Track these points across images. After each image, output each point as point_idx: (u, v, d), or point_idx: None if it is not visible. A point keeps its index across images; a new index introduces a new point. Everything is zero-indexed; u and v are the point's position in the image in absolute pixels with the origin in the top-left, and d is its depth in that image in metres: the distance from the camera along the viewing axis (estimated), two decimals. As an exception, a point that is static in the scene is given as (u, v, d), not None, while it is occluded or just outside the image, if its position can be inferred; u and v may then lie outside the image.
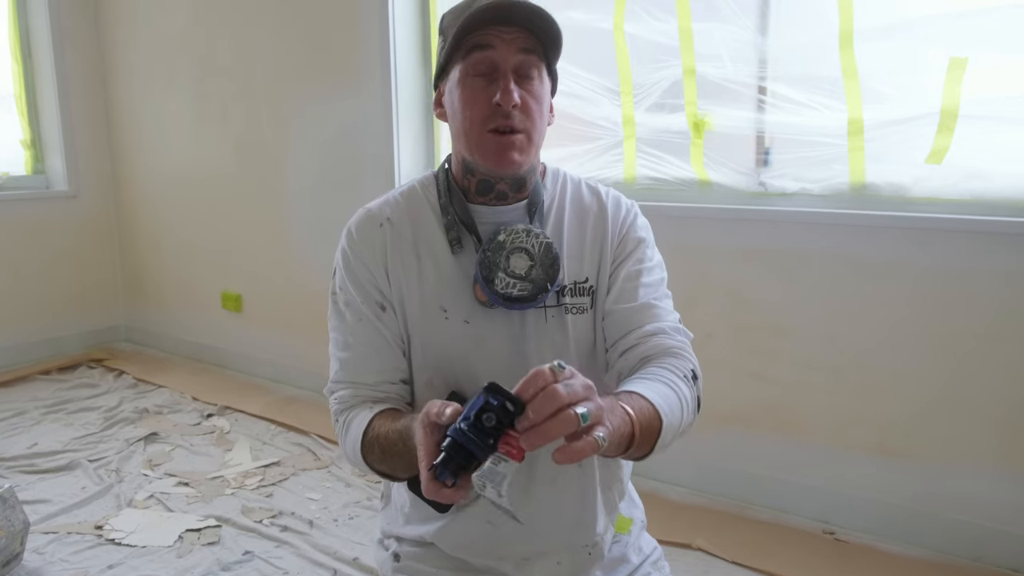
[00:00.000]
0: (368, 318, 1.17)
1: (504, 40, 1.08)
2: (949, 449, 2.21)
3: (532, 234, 1.12)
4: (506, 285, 1.10)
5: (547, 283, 1.12)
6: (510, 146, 1.10)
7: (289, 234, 3.63)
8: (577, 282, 1.19)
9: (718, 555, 2.23)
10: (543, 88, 1.13)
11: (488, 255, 1.11)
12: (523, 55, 1.09)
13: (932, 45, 2.14)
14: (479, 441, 0.81)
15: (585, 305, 1.19)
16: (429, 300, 1.16)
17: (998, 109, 2.07)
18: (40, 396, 3.57)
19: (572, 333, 1.18)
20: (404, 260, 1.17)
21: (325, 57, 3.33)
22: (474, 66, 1.09)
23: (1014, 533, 2.14)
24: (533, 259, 1.12)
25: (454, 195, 1.19)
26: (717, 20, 2.44)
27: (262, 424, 3.24)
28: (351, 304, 1.18)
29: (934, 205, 2.19)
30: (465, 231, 1.17)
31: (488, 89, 1.09)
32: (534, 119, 1.11)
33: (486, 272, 1.11)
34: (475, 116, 1.10)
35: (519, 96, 1.08)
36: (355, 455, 1.12)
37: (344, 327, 1.19)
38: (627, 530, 1.30)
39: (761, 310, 2.46)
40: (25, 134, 4.18)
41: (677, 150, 2.61)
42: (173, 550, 2.28)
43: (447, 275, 1.16)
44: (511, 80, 1.08)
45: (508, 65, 1.08)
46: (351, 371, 1.17)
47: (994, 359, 2.12)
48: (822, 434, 2.40)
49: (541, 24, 1.08)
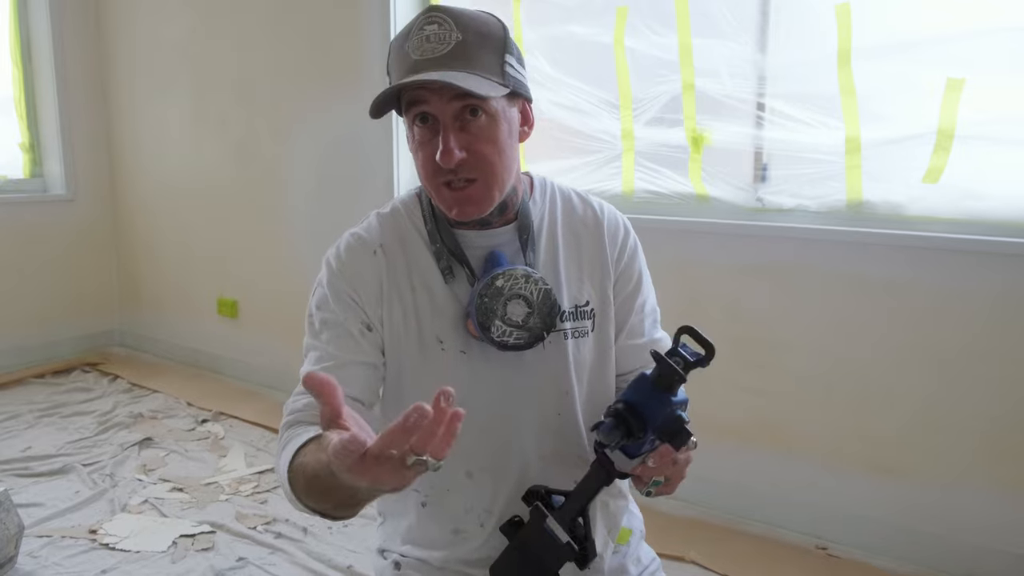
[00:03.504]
0: (350, 335, 1.12)
1: (437, 94, 1.02)
2: (942, 466, 2.23)
3: (531, 280, 1.09)
4: (502, 333, 1.09)
5: (544, 332, 1.11)
6: (465, 200, 1.07)
7: (286, 241, 3.64)
8: (578, 306, 1.18)
9: (711, 568, 2.24)
10: (495, 125, 1.05)
11: (485, 301, 1.08)
12: (459, 101, 1.02)
13: (929, 65, 2.16)
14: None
15: (587, 328, 1.19)
16: (426, 332, 1.14)
17: (994, 130, 2.10)
18: (34, 400, 3.56)
19: (572, 357, 1.17)
20: (400, 292, 1.14)
21: (325, 64, 3.35)
22: (417, 119, 1.05)
23: (1005, 550, 2.15)
24: (531, 307, 1.09)
25: (440, 222, 1.15)
26: (717, 36, 2.46)
27: (257, 431, 3.24)
28: (329, 323, 1.13)
29: (930, 224, 2.21)
30: (455, 262, 1.14)
31: (433, 142, 1.04)
32: (487, 163, 1.05)
33: (482, 318, 1.08)
34: (426, 171, 1.07)
35: (462, 147, 1.03)
36: (283, 481, 1.00)
37: (319, 345, 1.13)
38: (626, 541, 1.31)
39: (757, 325, 2.47)
40: (24, 138, 4.18)
41: (675, 164, 2.62)
42: (167, 555, 2.27)
43: (441, 306, 1.14)
44: (450, 135, 1.02)
45: (446, 116, 1.03)
46: None
47: (987, 377, 2.14)
48: (816, 449, 2.41)
49: (457, 85, 1.00)
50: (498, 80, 1.04)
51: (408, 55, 1.03)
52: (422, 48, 1.02)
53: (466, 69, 1.01)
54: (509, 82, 1.06)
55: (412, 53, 1.03)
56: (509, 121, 1.08)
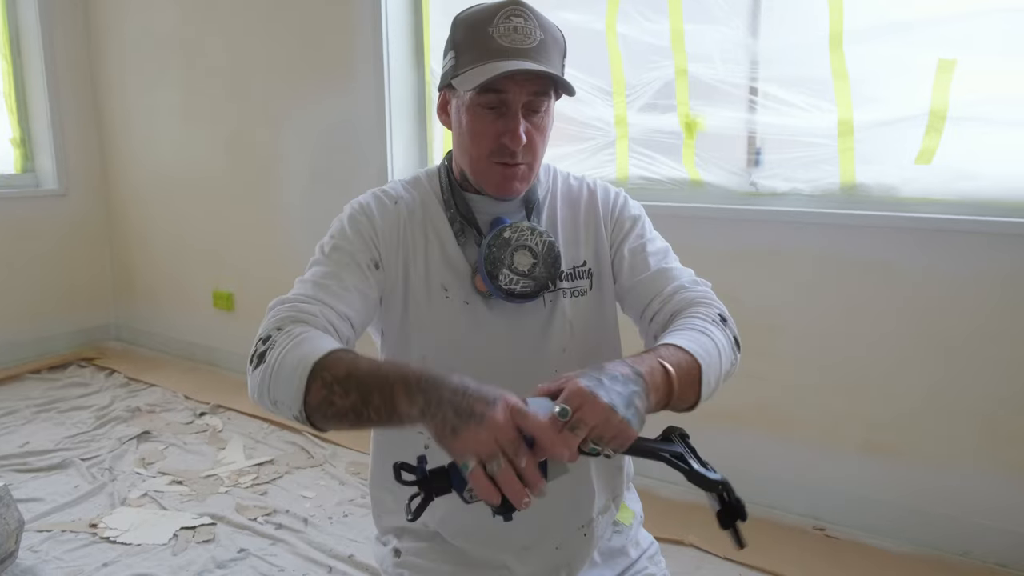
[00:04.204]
0: (357, 265, 1.14)
1: (516, 83, 1.10)
2: (937, 446, 2.24)
3: (536, 232, 1.16)
4: (509, 281, 1.14)
5: (548, 281, 1.17)
6: (513, 177, 1.15)
7: (281, 233, 3.63)
8: (575, 266, 1.24)
9: (710, 551, 2.26)
10: (548, 117, 1.16)
11: (493, 251, 1.14)
12: (533, 97, 1.11)
13: (921, 47, 2.16)
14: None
15: (584, 287, 1.23)
16: (433, 279, 1.19)
17: (986, 110, 2.11)
18: (31, 395, 3.56)
19: (570, 316, 1.21)
20: (415, 236, 1.20)
21: (317, 55, 3.34)
22: (486, 100, 1.11)
23: (1001, 528, 2.17)
24: (536, 257, 1.15)
25: (455, 191, 1.22)
26: (709, 21, 2.46)
27: (255, 423, 3.24)
28: (341, 248, 1.16)
29: (923, 205, 2.22)
30: (466, 224, 1.20)
31: (496, 123, 1.12)
32: (537, 151, 1.15)
33: (490, 267, 1.14)
34: (482, 149, 1.14)
35: (525, 132, 1.11)
36: (294, 371, 0.94)
37: (325, 262, 1.15)
38: (629, 522, 1.32)
39: (752, 309, 2.47)
40: (14, 132, 4.16)
41: (669, 150, 2.63)
42: (168, 548, 2.28)
43: (451, 259, 1.19)
44: (520, 121, 1.11)
45: (519, 104, 1.11)
46: (326, 293, 1.10)
47: (983, 357, 2.15)
48: (813, 432, 2.42)
49: (555, 78, 1.10)
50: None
51: (494, 39, 1.10)
52: (510, 36, 1.10)
53: (548, 66, 1.10)
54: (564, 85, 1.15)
55: (499, 39, 1.09)
56: (552, 117, 1.19)
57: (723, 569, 2.20)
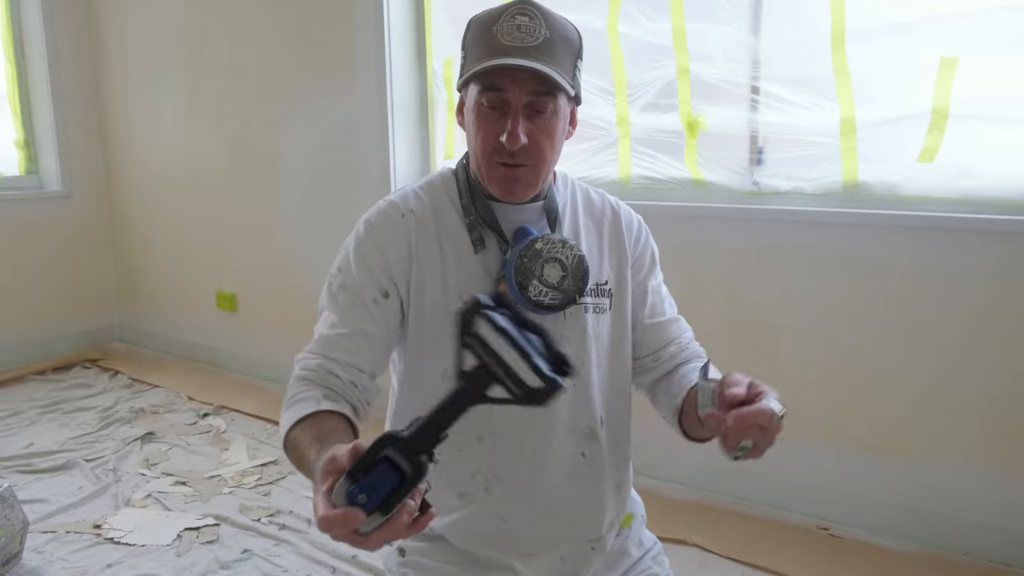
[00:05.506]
0: (363, 303, 1.16)
1: (516, 81, 1.09)
2: (940, 445, 2.24)
3: (567, 246, 1.15)
4: (539, 293, 1.13)
5: (576, 295, 1.16)
6: (515, 179, 1.15)
7: (284, 233, 3.64)
8: (598, 283, 1.23)
9: (713, 551, 2.26)
10: (555, 120, 1.14)
11: (524, 262, 1.13)
12: (534, 96, 1.11)
13: (923, 45, 2.16)
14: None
15: (604, 306, 1.24)
16: (450, 291, 1.18)
17: (988, 109, 2.10)
18: (35, 396, 3.57)
19: (592, 331, 1.22)
20: (428, 250, 1.19)
21: (320, 55, 3.34)
22: (488, 99, 1.12)
23: (1004, 527, 2.16)
24: (566, 270, 1.15)
25: (476, 195, 1.21)
26: (710, 20, 2.46)
27: (258, 423, 3.25)
28: (347, 287, 1.18)
29: (926, 203, 2.22)
30: (489, 231, 1.19)
31: (498, 123, 1.12)
32: (542, 153, 1.14)
33: (520, 278, 1.13)
34: (484, 147, 1.14)
35: (526, 134, 1.11)
36: (282, 432, 1.09)
37: (335, 308, 1.18)
38: (628, 524, 1.33)
39: (755, 308, 2.48)
40: (18, 134, 4.17)
41: (671, 149, 2.62)
42: (172, 549, 2.29)
43: (469, 271, 1.18)
44: (519, 121, 1.11)
45: (519, 104, 1.11)
46: (328, 346, 1.15)
47: (985, 355, 2.15)
48: (816, 431, 2.42)
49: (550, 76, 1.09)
50: (569, 81, 1.13)
51: (496, 37, 1.10)
52: (512, 35, 1.10)
53: (549, 65, 1.09)
54: (576, 85, 1.16)
55: (501, 37, 1.10)
56: (563, 120, 1.17)
57: (726, 569, 2.20)
